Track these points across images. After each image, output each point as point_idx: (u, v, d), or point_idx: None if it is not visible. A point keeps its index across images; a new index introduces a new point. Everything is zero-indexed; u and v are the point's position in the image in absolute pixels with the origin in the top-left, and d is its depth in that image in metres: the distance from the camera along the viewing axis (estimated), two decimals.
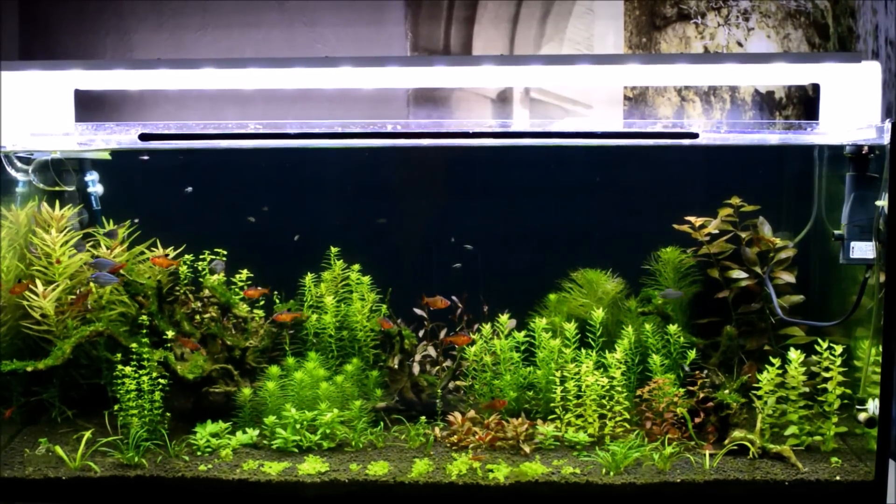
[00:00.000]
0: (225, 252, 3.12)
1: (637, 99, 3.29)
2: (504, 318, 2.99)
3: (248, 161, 3.28)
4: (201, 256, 3.11)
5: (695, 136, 2.68)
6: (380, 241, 3.36)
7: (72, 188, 3.15)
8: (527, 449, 2.72)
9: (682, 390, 2.83)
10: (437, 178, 3.43)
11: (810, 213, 3.12)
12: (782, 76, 3.00)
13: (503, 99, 3.33)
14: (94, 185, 3.19)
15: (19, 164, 3.00)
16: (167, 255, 3.05)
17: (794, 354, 2.82)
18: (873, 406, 2.67)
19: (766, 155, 3.26)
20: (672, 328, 2.96)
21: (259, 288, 3.07)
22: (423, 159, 3.38)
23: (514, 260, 3.34)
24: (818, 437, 2.80)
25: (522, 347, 2.99)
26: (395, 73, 2.77)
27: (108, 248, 3.02)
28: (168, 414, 2.76)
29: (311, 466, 2.60)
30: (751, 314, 3.12)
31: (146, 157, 3.19)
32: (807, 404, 2.81)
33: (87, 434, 2.70)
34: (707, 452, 2.67)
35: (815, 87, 3.03)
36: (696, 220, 3.10)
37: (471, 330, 3.05)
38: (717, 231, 3.11)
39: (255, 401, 2.89)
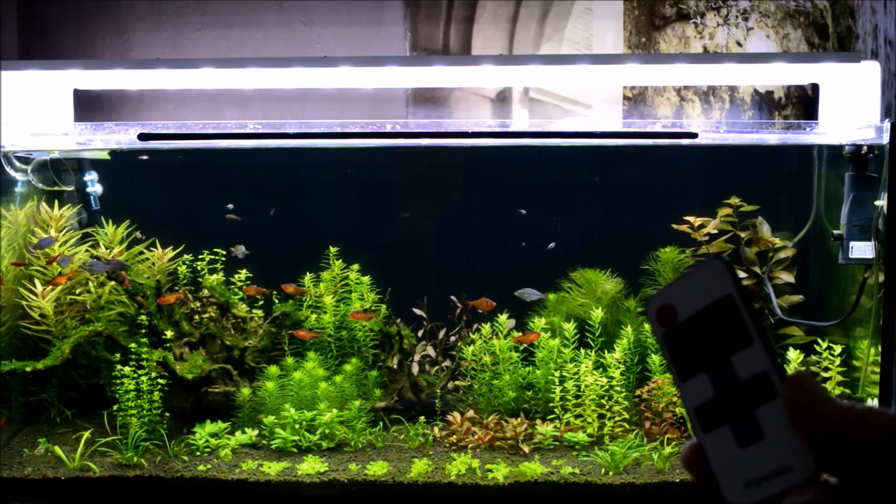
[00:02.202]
0: (224, 252, 3.12)
1: (636, 99, 3.29)
2: (503, 317, 2.99)
3: (248, 161, 3.29)
4: (200, 256, 3.10)
5: (694, 135, 2.68)
6: (378, 240, 3.36)
7: (71, 188, 3.15)
8: (526, 449, 2.72)
9: None
10: (436, 178, 3.43)
11: (809, 213, 3.12)
12: (781, 76, 3.00)
13: (502, 99, 3.33)
14: (93, 185, 3.19)
15: (18, 164, 3.00)
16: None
17: (794, 354, 2.83)
18: None
19: (766, 155, 3.27)
20: None
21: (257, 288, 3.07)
22: (422, 159, 3.39)
23: (514, 260, 3.34)
24: None
25: (521, 347, 2.99)
26: (394, 73, 2.76)
27: (107, 248, 3.02)
28: (167, 414, 2.76)
29: (311, 466, 2.60)
30: None
31: (145, 157, 3.19)
32: None
33: (86, 434, 2.70)
34: None
35: (815, 87, 3.03)
36: (695, 220, 3.10)
37: (470, 330, 3.05)
38: (716, 231, 3.11)
39: (255, 401, 2.89)
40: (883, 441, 0.56)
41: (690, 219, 3.11)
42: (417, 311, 3.11)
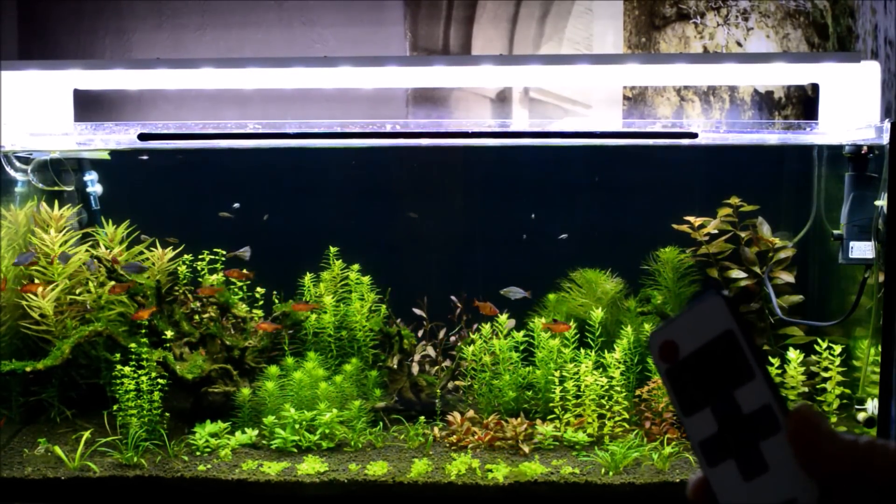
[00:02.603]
0: (224, 252, 3.12)
1: (636, 99, 3.29)
2: (503, 317, 2.99)
3: (248, 161, 3.29)
4: (200, 256, 3.11)
5: (694, 135, 2.68)
6: (379, 240, 3.36)
7: (71, 188, 3.15)
8: (526, 449, 2.72)
9: None
10: (437, 178, 3.43)
11: (809, 213, 3.13)
12: (781, 76, 3.00)
13: (502, 99, 3.33)
14: (93, 185, 3.19)
15: (18, 164, 3.00)
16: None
17: (794, 354, 2.82)
18: (872, 406, 2.67)
19: (766, 155, 3.27)
20: None
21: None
22: (422, 159, 3.39)
23: (514, 260, 3.34)
24: None
25: (521, 347, 2.99)
26: (394, 73, 2.77)
27: (107, 248, 3.02)
28: (167, 414, 2.76)
29: (311, 466, 2.60)
30: (750, 314, 3.12)
31: (145, 157, 3.19)
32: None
33: (86, 434, 2.70)
34: None
35: (815, 87, 3.03)
36: (696, 220, 3.10)
37: (470, 330, 3.05)
38: (716, 231, 3.11)
39: (255, 401, 2.89)
40: (887, 473, 0.58)
41: (690, 219, 3.11)
42: (417, 311, 3.11)
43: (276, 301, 3.12)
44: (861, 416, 2.72)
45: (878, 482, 0.58)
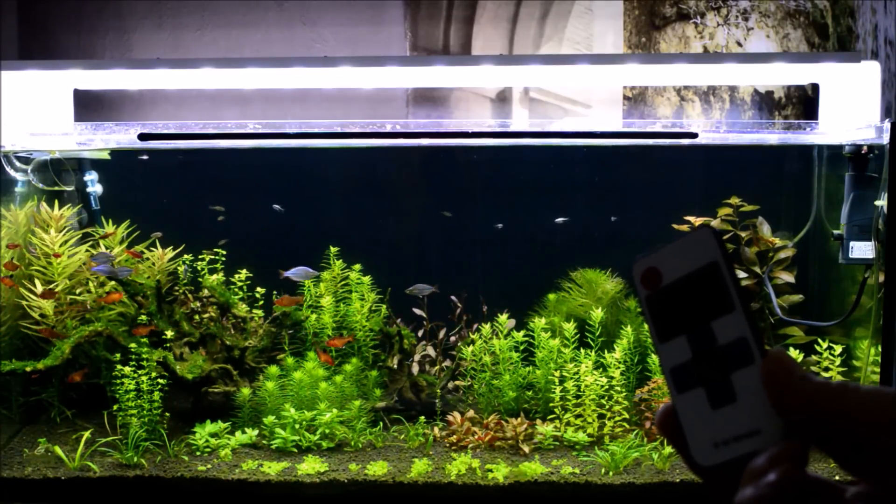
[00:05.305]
0: (224, 252, 3.12)
1: (636, 99, 3.28)
2: (503, 317, 2.99)
3: (248, 161, 3.29)
4: (200, 256, 3.11)
5: (694, 135, 2.68)
6: (378, 240, 3.36)
7: (71, 188, 3.15)
8: (526, 449, 2.72)
9: None
10: (437, 178, 3.43)
11: (809, 213, 3.12)
12: (781, 76, 3.00)
13: (502, 99, 3.33)
14: (94, 185, 3.19)
15: (18, 164, 3.00)
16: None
17: (794, 354, 2.82)
18: None
19: (766, 155, 3.27)
20: None
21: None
22: (422, 159, 3.39)
23: (514, 260, 3.34)
24: None
25: (521, 347, 2.99)
26: (394, 73, 2.77)
27: (106, 248, 3.02)
28: (167, 414, 2.76)
29: (311, 466, 2.60)
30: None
31: (145, 157, 3.19)
32: None
33: (87, 434, 2.70)
34: None
35: (815, 87, 3.03)
36: (696, 220, 3.10)
37: (470, 330, 3.05)
38: None
39: (255, 401, 2.89)
40: (859, 414, 0.58)
41: (690, 219, 3.11)
42: (417, 311, 3.11)
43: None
44: None
45: (850, 423, 0.59)
